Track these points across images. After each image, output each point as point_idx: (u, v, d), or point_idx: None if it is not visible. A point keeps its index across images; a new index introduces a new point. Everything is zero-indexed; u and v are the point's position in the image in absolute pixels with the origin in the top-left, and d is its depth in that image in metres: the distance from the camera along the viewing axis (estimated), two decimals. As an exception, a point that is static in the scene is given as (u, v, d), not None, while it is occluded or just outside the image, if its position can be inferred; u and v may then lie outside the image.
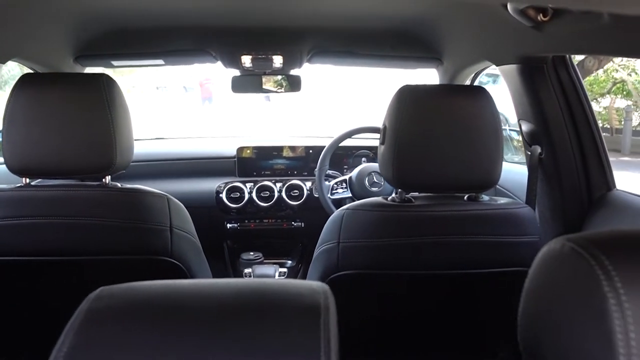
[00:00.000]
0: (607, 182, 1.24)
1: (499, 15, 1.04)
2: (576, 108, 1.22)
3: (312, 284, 0.46)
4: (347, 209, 1.07)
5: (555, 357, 0.42)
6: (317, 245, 1.12)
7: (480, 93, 1.03)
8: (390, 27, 1.50)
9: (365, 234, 1.02)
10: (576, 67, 1.22)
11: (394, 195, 1.09)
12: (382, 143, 1.05)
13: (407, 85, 1.03)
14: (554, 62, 1.20)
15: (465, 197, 1.09)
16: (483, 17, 1.15)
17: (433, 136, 1.00)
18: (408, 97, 1.01)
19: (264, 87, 1.74)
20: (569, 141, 1.22)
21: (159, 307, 0.42)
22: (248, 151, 2.05)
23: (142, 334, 0.39)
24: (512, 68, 1.24)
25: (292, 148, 2.07)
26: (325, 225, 1.11)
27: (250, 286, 0.46)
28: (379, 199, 1.09)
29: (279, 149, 2.07)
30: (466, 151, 1.00)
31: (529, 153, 1.29)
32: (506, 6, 0.97)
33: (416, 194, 1.11)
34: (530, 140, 1.29)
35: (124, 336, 0.39)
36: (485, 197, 1.09)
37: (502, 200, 1.09)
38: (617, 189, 1.24)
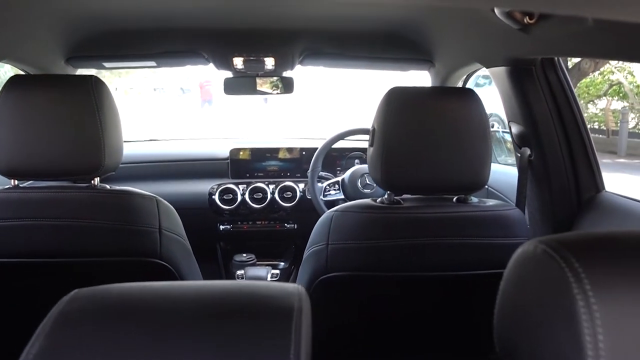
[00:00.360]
0: (596, 183, 1.24)
1: (487, 18, 1.04)
2: (565, 110, 1.22)
3: (287, 287, 0.47)
4: (335, 210, 1.07)
5: (531, 358, 0.43)
6: (306, 247, 1.12)
7: (468, 95, 1.03)
8: (382, 30, 1.51)
9: (353, 236, 1.02)
10: (573, 69, 1.23)
11: (383, 197, 1.09)
12: (371, 145, 1.06)
13: (395, 87, 1.03)
14: (543, 64, 1.20)
15: (454, 199, 1.09)
16: (472, 20, 1.16)
17: (421, 138, 1.00)
18: (396, 99, 1.01)
19: (258, 89, 1.75)
20: (558, 143, 1.23)
21: (131, 309, 0.42)
22: (241, 153, 2.05)
23: (113, 336, 0.39)
24: (501, 70, 1.24)
25: (285, 150, 2.07)
26: (315, 227, 1.11)
27: (225, 289, 0.46)
28: (367, 200, 1.09)
29: (272, 150, 2.07)
30: (454, 153, 1.00)
31: (519, 155, 1.29)
32: (494, 9, 0.97)
33: (408, 195, 1.11)
34: (520, 142, 1.30)
35: (95, 338, 0.39)
36: (474, 199, 1.09)
37: (491, 202, 1.09)
38: (606, 191, 1.24)
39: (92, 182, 1.07)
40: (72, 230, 1.02)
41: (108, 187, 1.09)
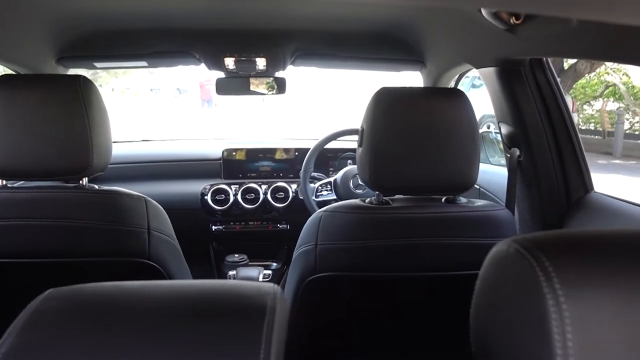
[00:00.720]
0: (585, 184, 1.24)
1: (475, 19, 1.05)
2: (554, 110, 1.22)
3: (263, 286, 0.47)
4: (324, 211, 1.07)
5: (505, 358, 0.43)
6: (295, 247, 1.12)
7: (457, 95, 1.04)
8: (373, 30, 1.51)
9: (342, 236, 1.02)
10: (569, 70, 1.23)
11: (372, 197, 1.09)
12: (359, 145, 1.06)
13: (384, 88, 1.03)
14: (531, 65, 1.20)
15: (443, 200, 1.09)
16: (461, 20, 1.16)
17: (410, 138, 1.00)
18: (385, 100, 1.01)
19: (251, 89, 1.75)
20: (546, 143, 1.23)
21: (104, 308, 0.42)
22: (234, 153, 2.05)
23: (85, 335, 0.39)
24: (490, 71, 1.24)
25: (278, 150, 2.07)
26: (304, 227, 1.11)
27: (200, 288, 0.46)
28: (356, 201, 1.09)
29: (265, 151, 2.07)
30: (443, 153, 1.00)
31: (509, 155, 1.30)
32: (481, 9, 0.98)
33: (399, 196, 1.11)
34: (509, 142, 1.30)
35: (66, 337, 0.39)
36: (462, 200, 1.09)
37: (480, 203, 1.09)
38: (595, 192, 1.24)
39: (81, 182, 1.07)
40: (60, 230, 1.01)
41: (96, 187, 1.09)
